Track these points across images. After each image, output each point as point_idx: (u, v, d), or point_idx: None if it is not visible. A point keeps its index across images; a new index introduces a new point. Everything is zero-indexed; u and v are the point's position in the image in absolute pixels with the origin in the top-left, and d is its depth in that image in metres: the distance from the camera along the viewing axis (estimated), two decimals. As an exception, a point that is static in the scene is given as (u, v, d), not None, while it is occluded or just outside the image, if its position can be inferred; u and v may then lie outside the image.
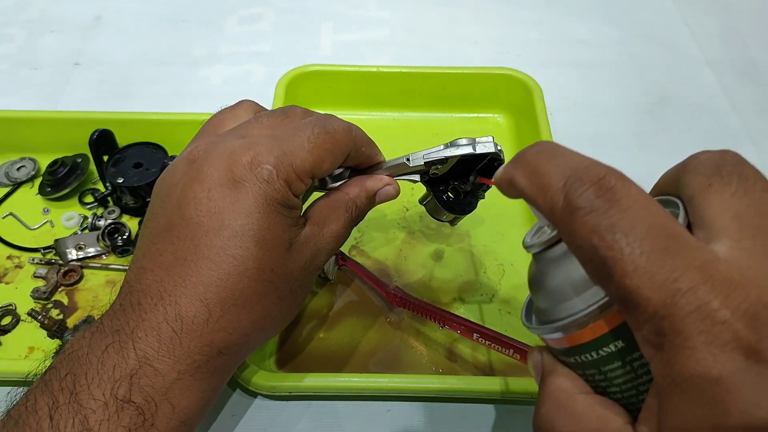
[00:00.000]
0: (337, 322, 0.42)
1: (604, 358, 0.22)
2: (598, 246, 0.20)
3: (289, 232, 0.31)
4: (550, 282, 0.24)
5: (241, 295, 0.30)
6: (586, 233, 0.20)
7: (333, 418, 0.38)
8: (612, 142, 0.56)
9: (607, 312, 0.22)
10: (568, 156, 0.22)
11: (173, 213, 0.30)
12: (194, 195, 0.30)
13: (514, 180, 0.24)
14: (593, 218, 0.20)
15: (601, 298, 0.22)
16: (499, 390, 0.36)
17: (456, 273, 0.45)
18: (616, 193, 0.20)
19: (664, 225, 0.20)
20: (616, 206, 0.20)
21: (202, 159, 0.31)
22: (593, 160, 0.22)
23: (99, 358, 0.28)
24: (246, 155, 0.30)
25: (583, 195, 0.20)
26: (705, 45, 0.67)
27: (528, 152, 0.24)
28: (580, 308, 0.22)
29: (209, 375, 0.30)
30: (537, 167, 0.23)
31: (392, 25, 0.69)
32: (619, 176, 0.21)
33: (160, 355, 0.28)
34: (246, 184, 0.30)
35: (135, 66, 0.63)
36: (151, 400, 0.28)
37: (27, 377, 0.30)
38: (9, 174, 0.51)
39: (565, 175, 0.21)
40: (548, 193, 0.22)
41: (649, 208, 0.20)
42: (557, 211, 0.21)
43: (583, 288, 0.22)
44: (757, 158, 0.54)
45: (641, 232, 0.19)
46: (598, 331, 0.22)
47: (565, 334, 0.23)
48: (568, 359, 0.24)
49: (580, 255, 0.21)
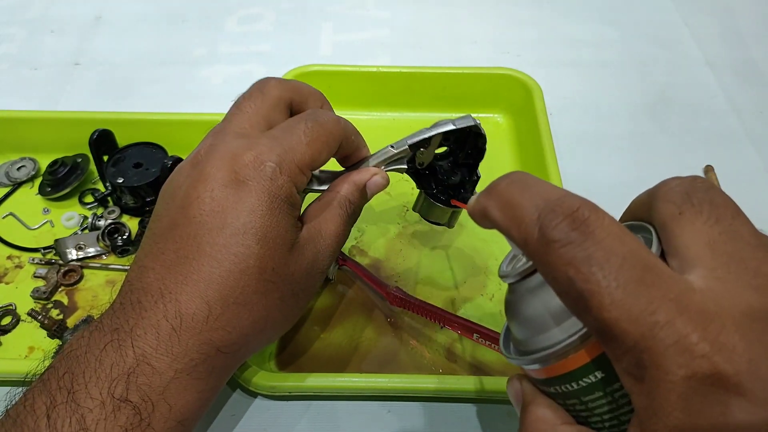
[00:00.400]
0: (337, 322, 0.42)
1: (584, 389, 0.22)
2: (574, 279, 0.20)
3: (291, 233, 0.32)
4: (527, 311, 0.24)
5: (241, 293, 0.30)
6: (562, 266, 0.20)
7: (333, 418, 0.38)
8: (612, 142, 0.56)
9: (586, 343, 0.22)
10: (540, 187, 0.22)
11: (177, 213, 0.31)
12: (198, 195, 0.31)
13: (487, 211, 0.24)
14: (569, 251, 0.20)
15: (580, 328, 0.22)
16: (499, 391, 0.36)
17: (456, 273, 0.45)
18: (590, 224, 0.20)
19: (638, 256, 0.20)
20: (591, 238, 0.20)
21: (205, 161, 0.32)
22: (566, 192, 0.22)
23: (97, 357, 0.28)
24: (248, 155, 0.31)
25: (558, 227, 0.20)
26: (705, 45, 0.67)
27: (500, 183, 0.24)
28: (560, 339, 0.22)
29: (207, 375, 0.30)
30: (510, 199, 0.23)
31: (392, 25, 0.69)
32: (592, 207, 0.21)
33: (158, 353, 0.28)
34: (249, 182, 0.31)
35: (135, 66, 0.63)
36: (148, 399, 0.28)
37: (26, 377, 0.30)
38: (9, 174, 0.51)
39: (538, 207, 0.21)
40: (522, 225, 0.22)
41: (623, 238, 0.20)
42: (532, 243, 0.21)
43: (561, 318, 0.22)
44: (757, 158, 0.55)
45: (616, 264, 0.19)
46: (578, 362, 0.22)
47: (545, 365, 0.23)
48: (548, 389, 0.24)
49: (556, 287, 0.21)
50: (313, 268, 0.33)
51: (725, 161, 0.54)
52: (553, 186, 0.23)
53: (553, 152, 0.48)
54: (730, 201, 0.22)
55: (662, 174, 0.61)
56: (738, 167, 0.54)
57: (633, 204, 0.26)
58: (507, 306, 0.26)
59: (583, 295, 0.19)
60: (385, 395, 0.38)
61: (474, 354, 0.40)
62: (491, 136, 0.55)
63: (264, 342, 0.34)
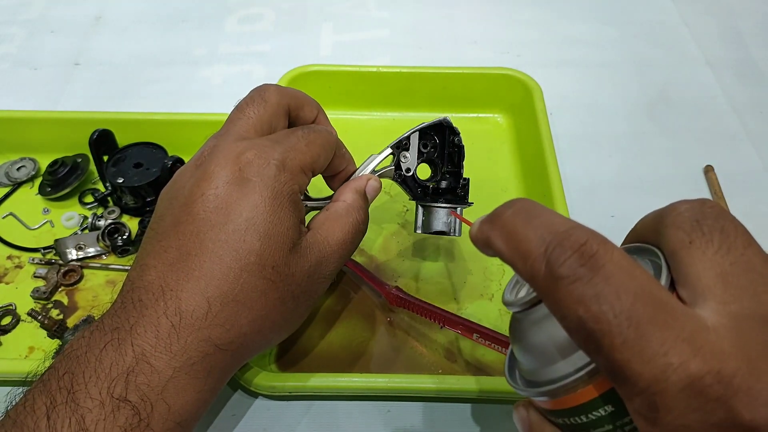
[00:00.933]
0: (337, 322, 0.42)
1: (594, 422, 0.22)
2: (584, 318, 0.19)
3: (292, 231, 0.32)
4: (533, 341, 0.23)
5: (241, 290, 0.30)
6: (572, 304, 0.19)
7: (333, 418, 0.38)
8: (612, 142, 0.56)
9: (595, 378, 0.21)
10: (546, 217, 0.22)
11: (180, 211, 0.31)
12: (202, 192, 0.31)
13: (491, 241, 0.23)
14: (578, 288, 0.19)
15: (588, 363, 0.21)
16: (499, 390, 0.36)
17: (456, 273, 0.45)
18: (599, 259, 0.19)
19: (650, 292, 0.19)
20: (601, 274, 0.19)
21: (208, 161, 0.32)
22: (573, 223, 0.21)
23: (97, 357, 0.28)
24: (251, 153, 0.32)
25: (566, 263, 0.20)
26: (705, 45, 0.67)
27: (505, 212, 0.23)
28: (568, 373, 0.22)
29: (205, 374, 0.30)
30: (515, 230, 0.22)
31: (392, 25, 0.69)
32: (601, 241, 0.20)
33: (157, 351, 0.28)
34: (253, 179, 0.31)
35: (135, 66, 0.63)
36: (147, 399, 0.28)
37: (27, 377, 0.30)
38: (9, 174, 0.51)
39: (545, 240, 0.20)
40: (528, 259, 0.21)
41: (633, 273, 0.19)
42: (539, 278, 0.20)
43: (568, 351, 0.22)
44: (757, 158, 0.55)
45: (628, 302, 0.19)
46: (587, 396, 0.21)
47: (553, 398, 0.23)
48: (556, 419, 0.24)
49: (565, 325, 0.20)
50: (315, 272, 0.33)
51: (725, 161, 0.54)
52: (559, 216, 0.22)
53: (553, 152, 0.48)
54: (741, 228, 0.21)
55: (662, 174, 0.62)
56: (738, 167, 0.54)
57: (639, 225, 0.25)
58: (512, 332, 0.25)
59: (594, 335, 0.19)
60: (385, 395, 0.38)
61: (474, 354, 0.40)
62: (491, 136, 0.56)
63: (263, 344, 0.34)
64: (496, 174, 0.52)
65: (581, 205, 0.49)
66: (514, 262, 0.22)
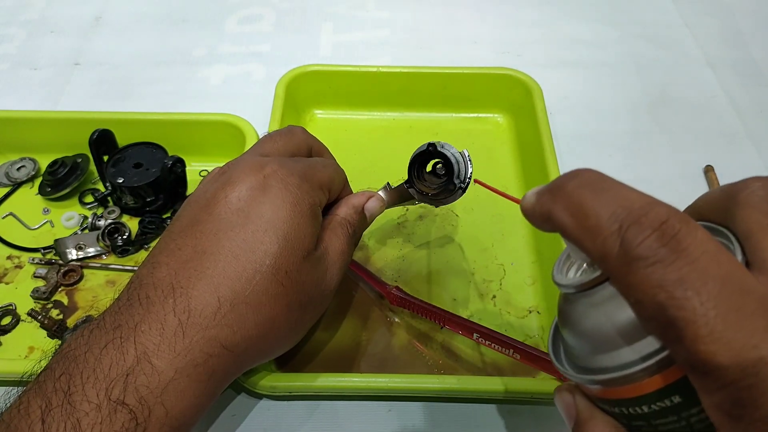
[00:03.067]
0: (337, 322, 0.42)
1: (656, 413, 0.20)
2: (665, 305, 0.17)
3: (309, 240, 0.32)
4: (589, 324, 0.21)
5: (252, 292, 0.30)
6: (650, 289, 0.18)
7: (333, 418, 0.38)
8: (612, 142, 0.56)
9: (665, 368, 0.19)
10: (618, 191, 0.20)
11: (200, 212, 0.32)
12: (225, 195, 0.32)
13: (554, 215, 0.21)
14: (658, 271, 0.18)
15: (657, 350, 0.19)
16: (499, 390, 0.36)
17: (456, 273, 0.45)
18: (681, 241, 0.18)
19: (737, 279, 0.17)
20: (684, 257, 0.17)
21: (233, 169, 0.34)
22: (650, 198, 0.19)
23: (97, 357, 0.27)
24: (275, 165, 0.33)
25: (645, 243, 0.18)
26: (705, 45, 0.67)
27: (569, 184, 0.21)
28: (632, 361, 0.20)
29: (206, 378, 0.29)
30: (582, 204, 0.20)
31: (392, 25, 0.69)
32: (683, 219, 0.18)
33: (160, 350, 0.28)
34: (276, 185, 0.32)
35: (135, 66, 0.63)
36: (145, 402, 0.27)
37: (22, 378, 0.30)
38: (9, 174, 0.51)
39: (618, 216, 0.19)
40: (599, 237, 0.19)
41: (719, 258, 0.18)
42: (611, 258, 0.19)
43: (633, 337, 0.20)
44: (757, 158, 0.55)
45: (715, 289, 0.17)
46: (652, 386, 0.20)
47: (611, 387, 0.21)
48: (610, 408, 0.22)
49: (641, 311, 0.19)
50: (322, 283, 0.34)
51: (725, 161, 0.54)
52: (634, 190, 0.20)
53: (553, 152, 0.48)
54: None
55: (662, 174, 0.62)
56: (738, 167, 0.54)
57: (702, 203, 0.23)
58: (562, 313, 0.23)
59: (676, 324, 0.17)
60: (385, 395, 0.38)
61: (474, 354, 0.40)
62: (491, 136, 0.56)
63: (264, 352, 0.33)
64: (496, 174, 0.52)
65: (581, 205, 0.49)
66: (582, 240, 0.20)
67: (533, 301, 0.44)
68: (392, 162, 0.52)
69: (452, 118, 0.57)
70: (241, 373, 0.33)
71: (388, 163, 0.52)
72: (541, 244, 0.46)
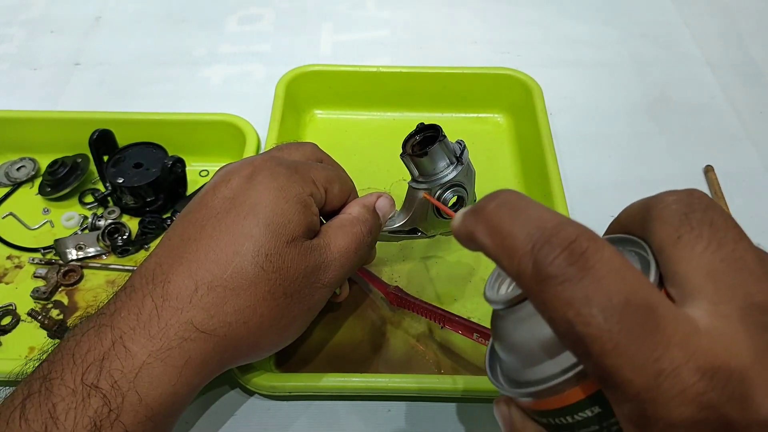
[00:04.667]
0: (337, 322, 0.42)
1: (580, 423, 0.21)
2: (573, 321, 0.18)
3: (294, 227, 0.32)
4: (516, 339, 0.22)
5: (231, 275, 0.30)
6: (560, 306, 0.18)
7: (333, 418, 0.38)
8: (612, 142, 0.56)
9: (583, 380, 0.20)
10: (533, 211, 0.20)
11: (193, 204, 0.33)
12: (216, 187, 0.33)
13: (474, 236, 0.22)
14: (566, 289, 0.18)
15: (575, 364, 0.20)
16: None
17: (456, 273, 0.45)
18: (589, 258, 0.18)
19: (641, 294, 0.18)
20: (591, 274, 0.18)
21: (230, 167, 0.35)
22: (562, 218, 0.20)
23: (77, 342, 0.28)
24: (265, 157, 0.34)
25: (555, 262, 0.19)
26: (705, 45, 0.67)
27: (488, 205, 0.22)
28: (554, 374, 0.21)
29: (181, 363, 0.29)
30: (500, 225, 0.21)
31: (392, 25, 0.69)
32: (590, 237, 0.19)
33: (135, 333, 0.28)
34: (263, 174, 0.33)
35: (135, 66, 0.63)
36: (118, 387, 0.27)
37: (18, 376, 0.30)
38: (9, 174, 0.51)
39: (532, 237, 0.19)
40: (514, 256, 0.20)
41: (624, 274, 0.18)
42: (526, 277, 0.19)
43: (554, 351, 0.21)
44: (757, 158, 0.55)
45: (619, 306, 0.18)
46: (573, 397, 0.21)
47: (538, 399, 0.22)
48: (540, 419, 0.23)
49: (553, 327, 0.19)
50: (313, 275, 0.33)
51: (725, 161, 0.54)
52: (547, 210, 0.21)
53: (553, 152, 0.48)
54: (731, 222, 0.20)
55: (662, 174, 0.61)
56: (738, 167, 0.54)
57: (624, 216, 0.24)
58: (494, 329, 0.24)
59: (584, 340, 0.18)
60: (385, 395, 0.38)
61: (474, 354, 0.40)
62: (491, 136, 0.56)
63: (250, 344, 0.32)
64: (496, 174, 0.52)
65: (581, 206, 0.49)
66: (499, 259, 0.21)
67: (533, 301, 0.44)
68: (392, 162, 0.52)
69: (452, 118, 0.57)
70: (226, 364, 0.32)
71: (388, 163, 0.52)
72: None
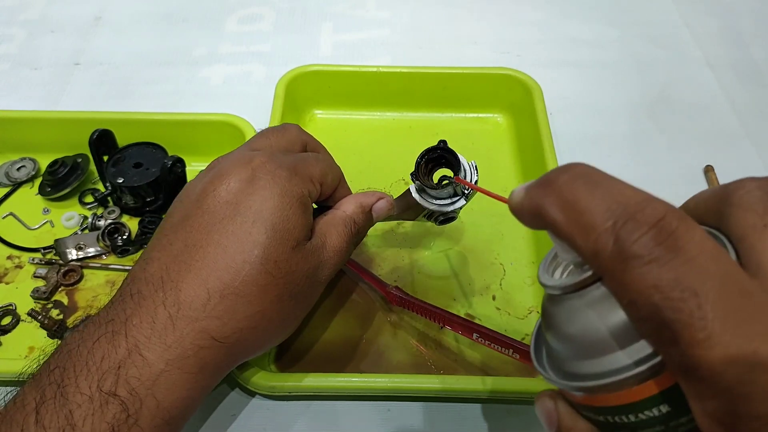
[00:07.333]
0: (337, 321, 0.42)
1: (642, 422, 0.19)
2: (661, 306, 0.17)
3: (298, 231, 0.32)
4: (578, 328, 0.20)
5: (242, 282, 0.30)
6: (645, 289, 0.17)
7: (332, 418, 0.38)
8: (612, 142, 0.56)
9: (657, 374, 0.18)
10: (613, 186, 0.19)
11: (191, 206, 0.32)
12: (214, 188, 0.32)
13: (544, 211, 0.20)
14: (653, 270, 0.17)
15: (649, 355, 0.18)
16: (499, 390, 0.36)
17: (455, 273, 0.45)
18: (678, 239, 0.17)
19: (735, 280, 0.17)
20: (681, 256, 0.17)
21: (222, 163, 0.34)
22: (646, 194, 0.18)
23: (89, 350, 0.28)
24: (264, 158, 0.33)
25: (640, 241, 0.17)
26: (705, 45, 0.67)
27: (560, 178, 0.20)
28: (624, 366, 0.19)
29: (197, 370, 0.29)
30: (575, 199, 0.19)
31: (392, 25, 0.69)
32: (680, 216, 0.17)
33: (151, 343, 0.28)
34: (265, 177, 0.32)
35: (135, 66, 0.63)
36: (136, 394, 0.27)
37: (19, 376, 0.30)
38: (9, 174, 0.51)
39: (613, 212, 0.18)
40: (591, 234, 0.18)
41: (718, 258, 0.17)
42: (604, 256, 0.18)
43: (624, 341, 0.19)
44: (757, 158, 0.55)
45: (713, 291, 0.16)
46: (643, 393, 0.19)
47: (598, 394, 0.20)
48: (594, 416, 0.21)
49: (633, 312, 0.18)
50: (314, 275, 0.34)
51: (725, 161, 0.54)
52: (629, 186, 0.19)
53: (553, 152, 0.48)
54: None
55: (662, 174, 0.61)
56: (738, 167, 0.54)
57: (693, 204, 0.22)
58: (547, 316, 0.22)
59: (671, 326, 0.16)
60: (385, 395, 0.38)
61: (474, 354, 0.40)
62: (491, 136, 0.56)
63: (257, 344, 0.33)
64: (496, 174, 0.52)
65: (581, 205, 0.49)
66: (573, 237, 0.19)
67: (533, 301, 0.44)
68: (392, 162, 0.52)
69: (452, 118, 0.57)
70: (234, 366, 0.33)
71: (387, 163, 0.52)
72: (540, 244, 0.46)
